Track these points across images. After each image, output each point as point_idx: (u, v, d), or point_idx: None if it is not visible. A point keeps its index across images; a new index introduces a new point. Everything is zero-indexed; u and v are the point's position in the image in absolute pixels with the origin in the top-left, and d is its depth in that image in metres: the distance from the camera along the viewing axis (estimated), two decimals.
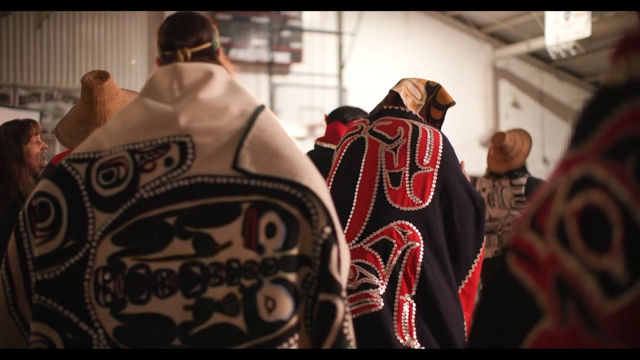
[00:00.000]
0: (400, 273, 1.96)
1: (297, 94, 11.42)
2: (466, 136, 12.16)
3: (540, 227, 0.58)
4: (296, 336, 1.21)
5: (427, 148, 2.07)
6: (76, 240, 1.28)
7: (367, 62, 12.02)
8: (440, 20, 12.72)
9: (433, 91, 2.29)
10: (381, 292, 1.95)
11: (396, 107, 2.23)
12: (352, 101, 11.67)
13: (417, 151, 2.06)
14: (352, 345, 1.23)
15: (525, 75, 13.41)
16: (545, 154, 13.01)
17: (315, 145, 2.85)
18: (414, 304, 1.95)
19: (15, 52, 10.01)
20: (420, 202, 2.01)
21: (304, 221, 1.23)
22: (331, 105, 11.59)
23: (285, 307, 1.20)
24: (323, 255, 1.21)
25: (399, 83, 2.31)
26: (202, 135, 1.28)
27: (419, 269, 1.97)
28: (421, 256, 1.98)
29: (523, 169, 4.09)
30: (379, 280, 1.96)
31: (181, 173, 1.25)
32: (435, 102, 2.27)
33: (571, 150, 0.58)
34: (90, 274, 1.26)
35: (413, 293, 1.96)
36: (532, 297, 0.58)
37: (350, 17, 11.69)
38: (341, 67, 11.76)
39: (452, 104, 2.28)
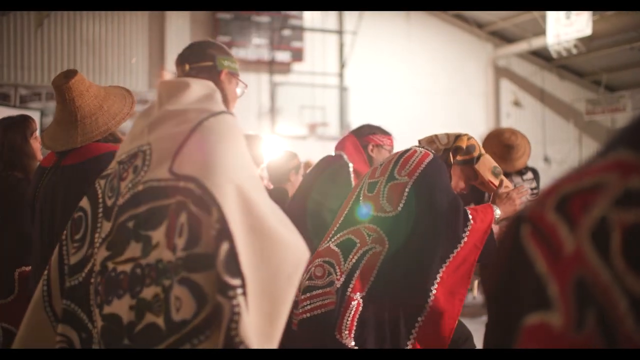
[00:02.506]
0: (357, 272, 2.01)
1: (298, 92, 11.41)
2: None
3: (572, 217, 0.53)
4: (201, 337, 1.22)
5: (410, 162, 2.12)
6: (92, 249, 1.43)
7: (368, 61, 12.01)
8: (441, 19, 12.71)
9: (458, 137, 2.30)
10: (336, 288, 2.02)
11: None
12: (353, 100, 11.67)
13: (399, 164, 2.13)
14: (242, 347, 1.19)
15: (526, 73, 13.39)
16: (546, 152, 12.99)
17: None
18: (362, 304, 2.00)
19: (16, 52, 10.01)
20: (391, 209, 2.06)
21: (208, 219, 1.24)
22: (332, 104, 11.59)
23: (189, 307, 1.22)
24: (214, 252, 1.22)
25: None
26: (158, 142, 1.40)
27: (375, 271, 2.01)
28: (381, 260, 2.02)
29: (526, 166, 4.13)
30: (336, 276, 2.03)
31: (140, 179, 1.37)
32: (454, 147, 2.29)
33: (632, 151, 0.52)
34: (94, 278, 1.40)
35: (364, 293, 2.00)
36: (541, 283, 0.54)
37: (351, 16, 11.68)
38: (342, 66, 11.74)
39: (460, 149, 2.26)
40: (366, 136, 2.84)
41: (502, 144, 4.06)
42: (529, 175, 4.12)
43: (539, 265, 0.54)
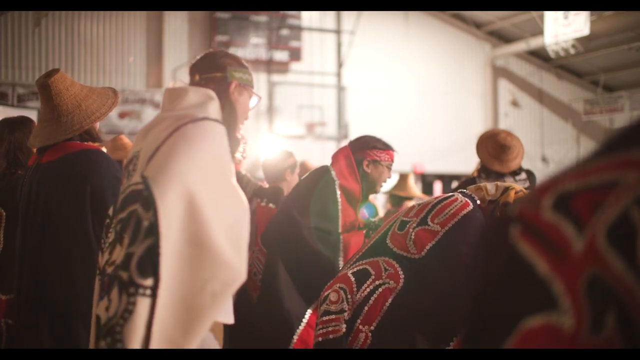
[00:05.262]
0: (368, 305, 2.00)
1: (296, 92, 11.41)
2: (465, 135, 12.16)
3: (579, 215, 0.50)
4: (117, 336, 1.23)
5: (445, 211, 2.06)
6: None
7: (366, 61, 12.01)
8: (439, 18, 12.71)
9: (506, 191, 2.24)
10: (345, 318, 2.01)
11: None
12: (351, 100, 11.67)
13: (435, 210, 2.08)
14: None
15: (525, 73, 13.40)
16: (544, 152, 13.00)
17: None
18: (371, 337, 1.98)
19: (14, 51, 10.00)
20: (415, 252, 2.02)
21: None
22: (330, 104, 11.60)
23: (114, 305, 1.24)
24: (136, 249, 1.25)
25: None
26: (145, 147, 1.42)
27: (385, 307, 1.98)
28: (392, 297, 1.99)
29: (520, 167, 4.13)
30: (348, 305, 2.02)
31: (129, 183, 1.41)
32: (503, 203, 2.19)
33: None
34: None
35: (372, 327, 1.98)
36: (543, 283, 0.51)
37: (349, 16, 11.69)
38: (340, 65, 11.75)
39: (507, 203, 2.20)
40: (363, 150, 2.74)
41: (497, 144, 4.05)
42: (522, 176, 4.11)
43: (539, 266, 0.52)
